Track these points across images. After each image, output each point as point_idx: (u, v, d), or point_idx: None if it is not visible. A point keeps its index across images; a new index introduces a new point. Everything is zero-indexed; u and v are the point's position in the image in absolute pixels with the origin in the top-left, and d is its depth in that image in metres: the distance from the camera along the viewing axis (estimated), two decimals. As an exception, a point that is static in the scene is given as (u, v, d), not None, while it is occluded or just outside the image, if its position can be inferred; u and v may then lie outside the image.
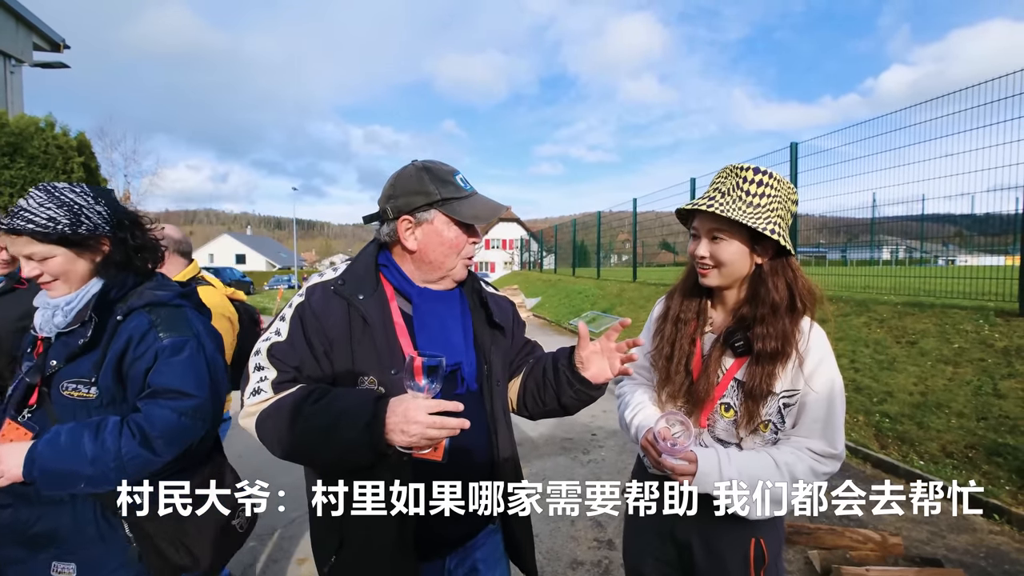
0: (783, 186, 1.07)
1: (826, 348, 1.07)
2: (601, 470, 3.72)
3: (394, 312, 1.05)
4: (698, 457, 1.02)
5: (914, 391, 4.10)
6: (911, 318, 4.98)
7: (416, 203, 1.04)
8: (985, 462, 3.27)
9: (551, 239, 21.92)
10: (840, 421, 1.05)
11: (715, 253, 1.08)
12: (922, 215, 6.51)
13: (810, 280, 1.09)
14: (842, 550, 2.51)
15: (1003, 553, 2.60)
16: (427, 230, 1.05)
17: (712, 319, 1.17)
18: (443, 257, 1.06)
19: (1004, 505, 2.90)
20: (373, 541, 0.97)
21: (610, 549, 2.65)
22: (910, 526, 2.86)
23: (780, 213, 1.06)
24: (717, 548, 1.12)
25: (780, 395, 1.06)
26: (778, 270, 1.07)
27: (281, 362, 0.99)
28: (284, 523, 2.85)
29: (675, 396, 1.16)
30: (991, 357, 4.02)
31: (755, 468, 1.03)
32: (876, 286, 6.46)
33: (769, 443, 1.09)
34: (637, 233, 12.60)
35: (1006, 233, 5.37)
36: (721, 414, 1.11)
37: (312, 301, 1.02)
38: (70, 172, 6.38)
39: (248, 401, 0.99)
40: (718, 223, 1.07)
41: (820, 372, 1.05)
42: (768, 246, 1.07)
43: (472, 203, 1.07)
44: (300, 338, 1.00)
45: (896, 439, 3.79)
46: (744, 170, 1.07)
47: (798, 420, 1.07)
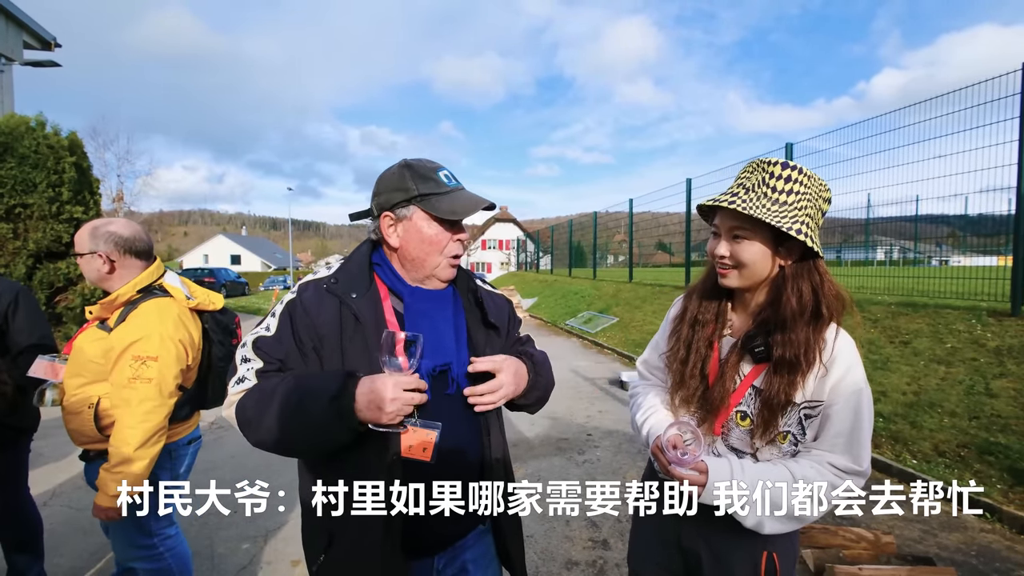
0: (814, 183, 0.99)
1: (854, 358, 0.99)
2: (596, 470, 3.72)
3: (387, 311, 1.05)
4: (709, 468, 0.97)
5: (907, 391, 4.13)
6: (905, 318, 5.02)
7: (395, 199, 1.04)
8: (977, 461, 3.29)
9: (547, 240, 21.94)
10: (867, 436, 0.97)
11: (736, 253, 1.01)
12: (916, 216, 6.56)
13: (839, 285, 1.01)
14: (835, 549, 2.52)
15: (994, 551, 2.62)
16: (407, 226, 1.05)
17: (732, 322, 1.11)
18: (424, 254, 1.05)
19: (995, 504, 2.92)
20: (362, 540, 0.97)
21: (605, 549, 2.65)
22: (903, 524, 2.88)
23: (809, 212, 0.98)
24: (726, 560, 1.07)
25: (801, 406, 0.99)
26: (803, 273, 0.99)
27: (266, 354, 1.00)
28: (278, 525, 2.83)
29: (689, 401, 1.10)
30: (983, 357, 4.05)
31: (770, 481, 0.97)
32: (870, 286, 6.50)
33: (787, 455, 1.02)
34: (633, 234, 12.62)
35: (999, 234, 5.42)
36: (737, 422, 1.04)
37: (304, 298, 1.02)
38: (62, 172, 6.31)
39: (232, 390, 0.99)
40: (739, 221, 0.99)
41: (846, 383, 0.97)
42: (794, 247, 0.99)
43: (452, 198, 1.05)
44: (288, 333, 1.00)
45: (890, 438, 3.82)
46: (772, 164, 0.99)
47: (820, 433, 1.00)
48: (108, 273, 1.60)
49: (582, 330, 10.02)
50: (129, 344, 1.51)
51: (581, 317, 10.99)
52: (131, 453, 1.47)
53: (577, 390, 5.96)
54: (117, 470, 1.46)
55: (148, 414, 1.50)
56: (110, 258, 1.58)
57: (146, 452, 1.50)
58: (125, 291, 1.58)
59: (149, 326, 1.54)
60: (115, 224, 1.62)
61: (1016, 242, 4.33)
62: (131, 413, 1.48)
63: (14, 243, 6.05)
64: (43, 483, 3.33)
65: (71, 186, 6.38)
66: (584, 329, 9.98)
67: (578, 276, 16.16)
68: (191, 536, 2.70)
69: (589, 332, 9.60)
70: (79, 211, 6.42)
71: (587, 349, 8.77)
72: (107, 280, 1.61)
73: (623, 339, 8.45)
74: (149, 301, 1.59)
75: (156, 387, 1.51)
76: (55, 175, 6.28)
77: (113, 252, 1.58)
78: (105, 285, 1.61)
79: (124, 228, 1.62)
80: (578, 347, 9.01)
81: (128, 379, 1.49)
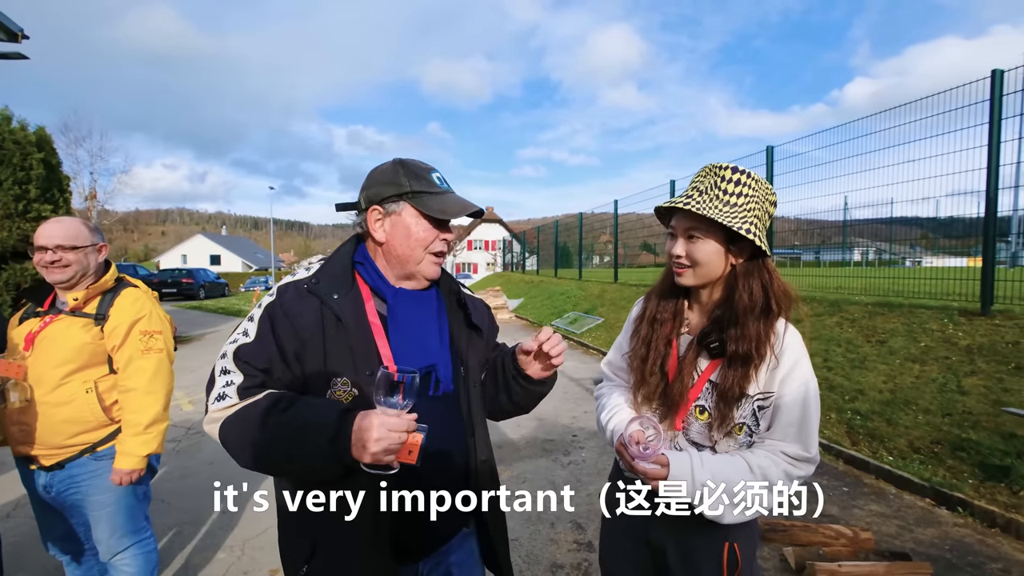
0: (761, 186, 1.06)
1: (801, 351, 1.06)
2: (582, 472, 3.72)
3: (370, 313, 1.02)
4: (670, 461, 1.00)
5: (884, 389, 4.23)
6: (881, 318, 5.14)
7: (386, 193, 1.03)
8: (950, 457, 3.38)
9: (534, 240, 21.96)
10: (814, 425, 1.04)
11: (691, 252, 1.07)
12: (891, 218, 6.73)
13: (786, 282, 1.08)
14: (816, 546, 2.56)
15: (967, 545, 2.69)
16: (395, 221, 1.04)
17: (689, 320, 1.16)
18: (410, 251, 1.04)
19: (967, 498, 3.00)
20: (347, 547, 0.95)
21: (590, 551, 2.64)
22: (879, 521, 2.94)
23: (757, 213, 1.04)
24: (691, 554, 1.11)
25: (754, 398, 1.04)
26: (753, 271, 1.06)
27: (248, 365, 0.95)
28: (255, 533, 2.76)
29: (650, 398, 1.15)
30: (955, 355, 4.17)
31: (728, 472, 1.01)
32: (848, 287, 6.65)
33: (744, 446, 1.08)
34: (618, 235, 12.71)
35: (969, 236, 5.59)
36: (696, 416, 1.09)
37: (284, 300, 0.99)
38: (29, 169, 6.06)
39: (212, 407, 0.94)
40: (694, 222, 1.06)
41: (794, 375, 1.04)
42: (744, 246, 1.05)
43: (443, 199, 1.06)
44: (269, 338, 0.96)
45: (867, 436, 3.90)
46: (722, 169, 1.06)
47: (772, 423, 1.06)
48: (99, 263, 1.70)
49: (568, 331, 10.04)
50: (134, 321, 1.65)
51: (567, 318, 11.02)
52: (160, 412, 1.65)
53: (563, 391, 5.96)
54: (149, 430, 1.62)
55: (166, 379, 1.69)
56: (101, 249, 1.70)
57: (167, 415, 1.70)
58: (108, 278, 1.69)
59: (145, 306, 1.70)
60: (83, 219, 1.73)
61: (985, 244, 4.47)
62: (150, 379, 1.64)
63: (-22, 243, 5.80)
64: (7, 493, 3.19)
65: (39, 183, 6.14)
66: (570, 330, 10.00)
67: (564, 277, 16.21)
68: (165, 546, 2.61)
69: (575, 333, 9.63)
70: (47, 209, 6.18)
71: (573, 350, 8.78)
72: (93, 271, 1.68)
73: (609, 340, 8.50)
74: (129, 288, 1.73)
75: (166, 356, 1.71)
76: (22, 172, 6.04)
77: (102, 244, 1.71)
78: (88, 276, 1.68)
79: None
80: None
81: (141, 351, 1.64)
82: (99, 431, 1.64)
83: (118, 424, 1.66)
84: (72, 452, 1.61)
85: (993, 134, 4.36)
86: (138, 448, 1.61)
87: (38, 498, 1.68)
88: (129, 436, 1.61)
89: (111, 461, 1.62)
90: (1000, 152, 4.33)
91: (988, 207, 4.42)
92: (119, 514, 1.67)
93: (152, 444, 1.63)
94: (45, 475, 1.62)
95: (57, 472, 1.62)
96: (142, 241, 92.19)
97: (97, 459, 1.63)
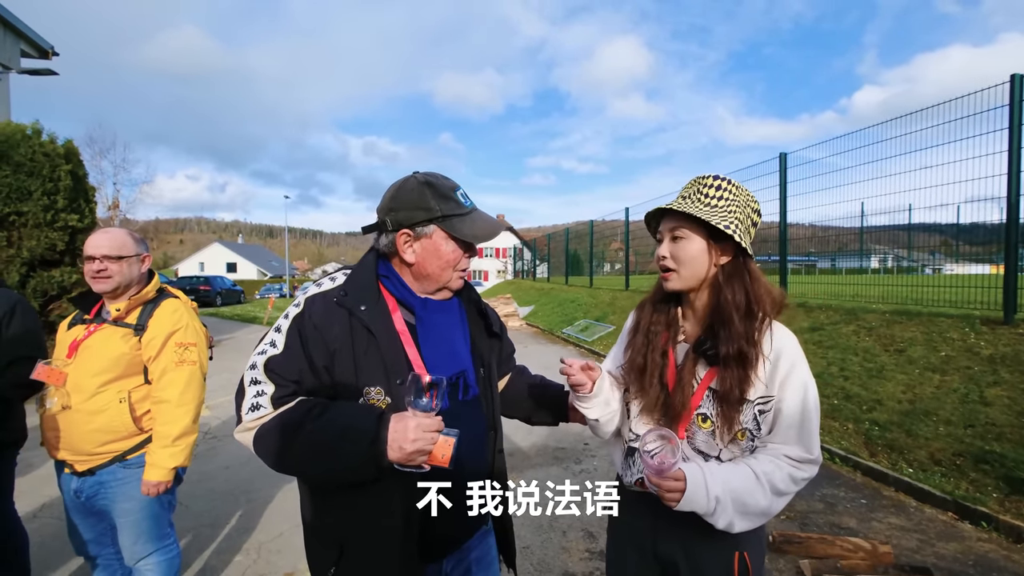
0: (742, 192, 1.10)
1: (797, 353, 1.06)
2: (593, 480, 3.70)
3: (398, 323, 1.06)
4: (685, 475, 0.99)
5: (902, 399, 4.14)
6: (899, 326, 5.04)
7: (417, 218, 1.05)
8: (972, 469, 3.29)
9: (544, 248, 21.98)
10: (815, 425, 1.04)
11: (675, 252, 1.10)
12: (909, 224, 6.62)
13: (770, 284, 1.11)
14: (833, 559, 2.51)
15: (991, 560, 2.61)
16: (425, 244, 1.07)
17: (684, 329, 1.16)
18: (440, 271, 1.09)
19: (992, 513, 2.92)
20: (378, 549, 0.98)
21: (601, 560, 2.63)
22: (900, 534, 2.87)
23: (738, 215, 1.07)
24: (701, 564, 1.11)
25: (755, 402, 1.05)
26: (736, 273, 1.08)
27: (279, 376, 0.97)
28: (271, 537, 2.80)
29: (651, 409, 1.15)
30: (977, 365, 4.07)
31: (736, 481, 1.01)
32: (865, 295, 6.54)
33: (747, 451, 1.08)
34: (629, 242, 12.67)
35: (990, 242, 5.47)
36: (699, 425, 1.09)
37: (312, 313, 1.00)
38: (57, 180, 6.27)
39: (247, 417, 0.96)
40: (677, 221, 1.09)
41: (792, 377, 1.04)
42: (728, 247, 1.08)
43: (472, 221, 1.09)
44: (299, 351, 0.98)
45: (885, 447, 3.82)
46: (705, 178, 1.11)
47: (774, 427, 1.06)
48: (141, 273, 1.74)
49: (579, 338, 10.01)
50: (171, 333, 1.69)
51: (578, 325, 10.99)
52: (189, 425, 1.68)
53: (574, 399, 5.93)
54: (178, 443, 1.65)
55: (197, 391, 1.72)
56: (145, 259, 1.76)
57: (196, 427, 1.72)
58: (150, 289, 1.73)
59: (183, 318, 1.73)
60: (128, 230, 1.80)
61: (1007, 251, 4.37)
62: (182, 391, 1.67)
63: (8, 251, 6.00)
64: (33, 495, 3.28)
65: (66, 194, 6.35)
66: (581, 337, 9.96)
67: (575, 284, 16.17)
68: (182, 548, 2.66)
69: (586, 340, 9.59)
70: (74, 219, 6.39)
71: (584, 358, 8.73)
72: (137, 281, 1.73)
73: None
74: (169, 298, 1.76)
75: (199, 369, 1.73)
76: (50, 183, 6.26)
77: (145, 254, 1.76)
78: (131, 287, 1.73)
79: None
80: (575, 356, 8.93)
81: (175, 363, 1.67)
82: (129, 440, 1.67)
83: (148, 433, 1.69)
84: (102, 460, 1.65)
85: (1013, 139, 4.28)
86: (167, 460, 1.63)
87: (70, 501, 1.73)
88: (159, 448, 1.64)
89: (140, 469, 1.66)
90: (1021, 157, 4.25)
91: (1009, 213, 4.33)
92: (144, 521, 1.71)
93: (180, 457, 1.66)
94: (77, 480, 1.67)
95: (88, 478, 1.67)
96: (161, 249, 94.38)
97: (126, 467, 1.67)
